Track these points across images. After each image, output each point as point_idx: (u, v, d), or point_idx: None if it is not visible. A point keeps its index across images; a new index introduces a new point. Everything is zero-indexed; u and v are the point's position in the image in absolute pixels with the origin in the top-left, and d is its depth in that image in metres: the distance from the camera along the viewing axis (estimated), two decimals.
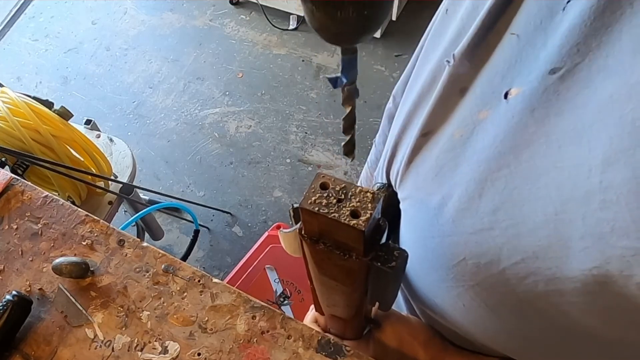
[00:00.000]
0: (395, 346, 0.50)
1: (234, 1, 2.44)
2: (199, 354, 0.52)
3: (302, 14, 2.19)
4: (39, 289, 0.58)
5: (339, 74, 0.29)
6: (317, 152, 1.98)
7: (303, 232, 0.36)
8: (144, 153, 2.05)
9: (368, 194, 0.32)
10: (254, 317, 0.53)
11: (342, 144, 0.33)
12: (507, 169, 0.30)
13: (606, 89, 0.25)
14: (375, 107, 2.04)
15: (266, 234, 1.43)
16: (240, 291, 0.55)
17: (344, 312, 0.47)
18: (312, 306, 0.57)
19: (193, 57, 2.31)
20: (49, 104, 1.19)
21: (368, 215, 0.31)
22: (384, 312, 0.50)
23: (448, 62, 0.34)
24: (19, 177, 0.66)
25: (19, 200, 0.64)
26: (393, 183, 0.45)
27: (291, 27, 2.32)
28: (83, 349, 0.54)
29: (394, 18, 2.19)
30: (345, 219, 0.31)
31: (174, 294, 0.56)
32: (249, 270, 1.35)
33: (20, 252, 0.60)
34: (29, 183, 0.65)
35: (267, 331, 0.53)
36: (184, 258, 1.63)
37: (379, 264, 0.34)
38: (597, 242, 0.25)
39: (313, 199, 0.32)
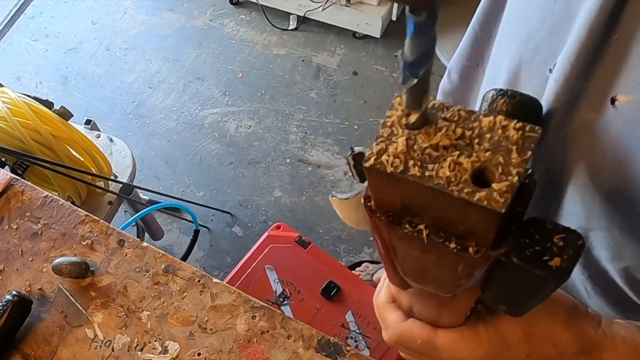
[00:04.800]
0: (522, 336, 0.35)
1: (234, 1, 2.44)
2: (199, 354, 0.52)
3: (302, 13, 2.19)
4: (39, 289, 0.58)
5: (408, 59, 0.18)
6: (317, 152, 1.98)
7: (372, 204, 0.22)
8: (144, 153, 2.05)
9: (513, 129, 0.17)
10: (254, 317, 0.53)
11: (408, 89, 0.19)
12: None
13: None
14: (375, 107, 2.04)
15: (266, 234, 1.43)
16: (240, 291, 0.55)
17: (442, 289, 0.31)
18: (384, 276, 0.40)
19: (193, 57, 2.31)
20: (49, 104, 1.19)
21: (510, 181, 0.17)
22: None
23: (550, 70, 0.33)
24: (19, 177, 0.66)
25: (19, 200, 0.64)
26: None
27: (291, 27, 2.32)
28: (83, 349, 0.54)
29: (393, 18, 2.19)
30: (464, 190, 0.17)
31: (174, 294, 0.56)
32: (249, 270, 1.35)
33: (20, 252, 0.60)
34: (29, 183, 0.65)
35: (267, 331, 0.53)
36: (184, 258, 1.63)
37: (524, 262, 0.20)
38: None
39: (395, 146, 0.18)
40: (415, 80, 0.18)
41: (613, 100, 0.30)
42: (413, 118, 0.18)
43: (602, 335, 0.33)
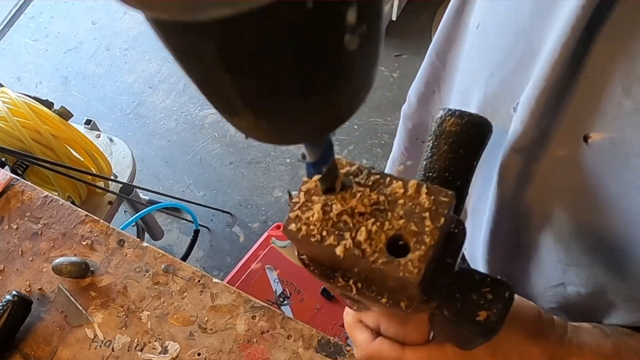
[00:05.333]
0: (489, 352, 0.34)
1: None
2: (199, 354, 0.52)
3: None
4: (39, 289, 0.58)
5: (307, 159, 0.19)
6: None
7: (304, 258, 0.22)
8: (144, 153, 2.05)
9: (424, 195, 0.17)
10: (254, 317, 0.53)
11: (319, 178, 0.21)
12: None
13: None
14: (374, 107, 2.04)
15: (266, 234, 1.43)
16: (240, 291, 0.55)
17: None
18: None
19: None
20: (49, 104, 1.19)
21: (424, 251, 0.16)
22: None
23: (514, 109, 0.33)
24: (19, 177, 0.66)
25: (19, 200, 0.64)
26: None
27: None
28: (83, 349, 0.54)
29: (393, 18, 2.19)
30: (379, 259, 0.16)
31: (174, 294, 0.56)
32: (249, 270, 1.35)
33: (20, 252, 0.60)
34: (29, 183, 0.65)
35: (267, 331, 0.53)
36: (184, 258, 1.63)
37: (453, 315, 0.20)
38: None
39: (311, 213, 0.19)
40: (319, 176, 0.19)
41: (586, 138, 0.30)
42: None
43: (569, 343, 0.34)
